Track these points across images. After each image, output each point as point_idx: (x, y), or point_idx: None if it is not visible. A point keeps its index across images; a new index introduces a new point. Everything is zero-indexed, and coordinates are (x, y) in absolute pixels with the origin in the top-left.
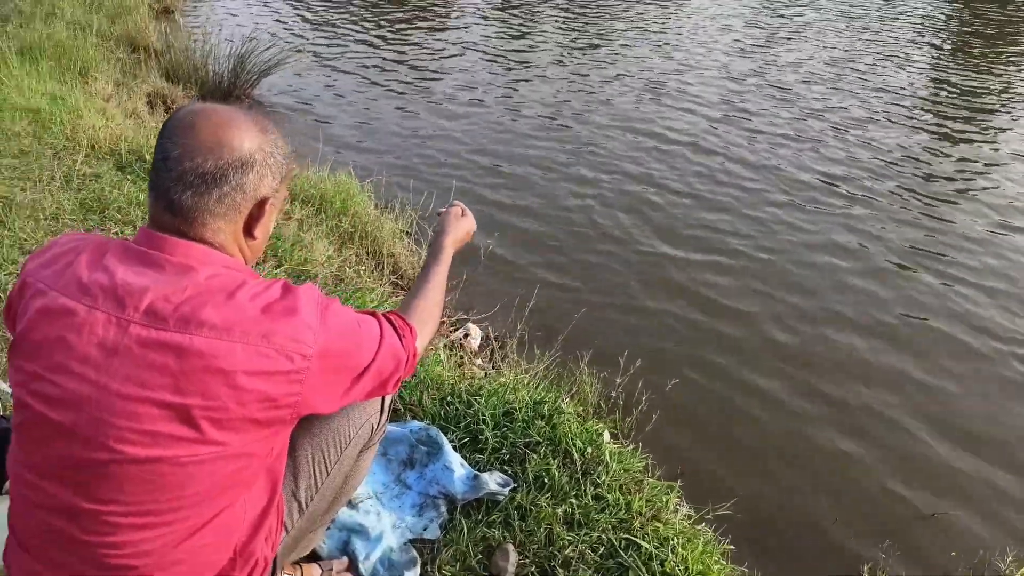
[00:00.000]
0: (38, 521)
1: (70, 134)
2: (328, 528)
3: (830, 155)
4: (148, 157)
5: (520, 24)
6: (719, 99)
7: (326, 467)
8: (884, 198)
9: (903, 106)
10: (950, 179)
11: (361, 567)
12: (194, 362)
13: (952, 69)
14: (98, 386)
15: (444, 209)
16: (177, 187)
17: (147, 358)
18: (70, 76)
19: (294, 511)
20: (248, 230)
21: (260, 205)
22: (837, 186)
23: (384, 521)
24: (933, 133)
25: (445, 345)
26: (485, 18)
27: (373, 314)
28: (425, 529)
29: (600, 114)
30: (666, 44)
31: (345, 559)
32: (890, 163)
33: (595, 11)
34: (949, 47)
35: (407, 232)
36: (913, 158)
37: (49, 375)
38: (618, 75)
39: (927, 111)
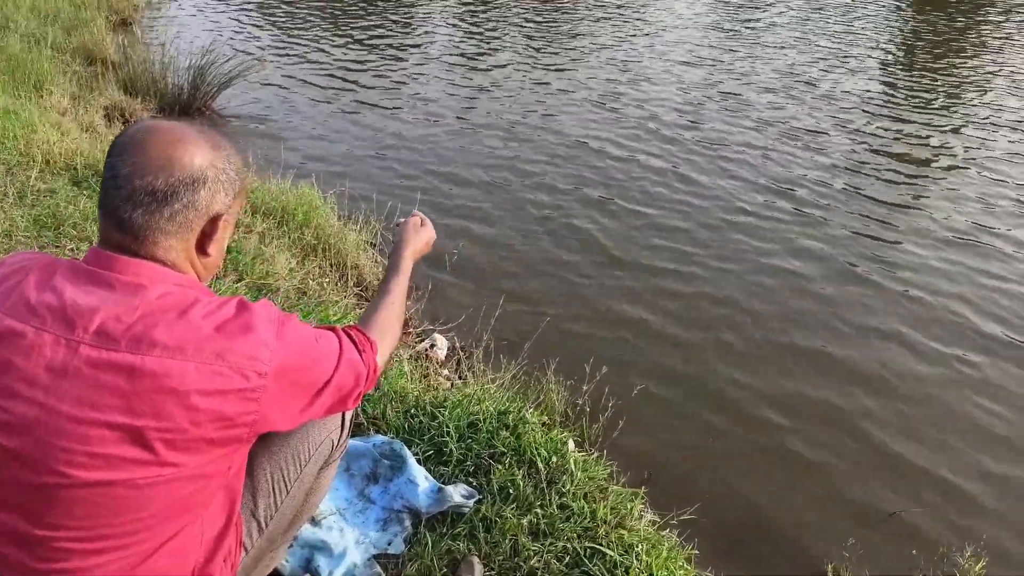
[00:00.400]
0: None
1: (24, 149)
2: (290, 546)
3: (784, 163)
4: None
5: (483, 36)
6: (675, 110)
7: (285, 485)
8: (839, 204)
9: (854, 114)
10: (903, 183)
11: None
12: (146, 382)
13: (901, 76)
14: (47, 409)
15: (403, 220)
16: (127, 206)
17: (98, 379)
18: (24, 90)
19: (253, 530)
20: (201, 247)
21: (213, 222)
22: (793, 191)
23: (347, 537)
24: (883, 139)
25: (411, 356)
26: (448, 30)
27: (332, 329)
28: (389, 544)
29: (561, 125)
30: (626, 54)
31: None
32: (846, 169)
33: (557, 23)
34: (901, 55)
35: (371, 243)
36: (863, 164)
37: None
38: (579, 87)
39: (879, 117)
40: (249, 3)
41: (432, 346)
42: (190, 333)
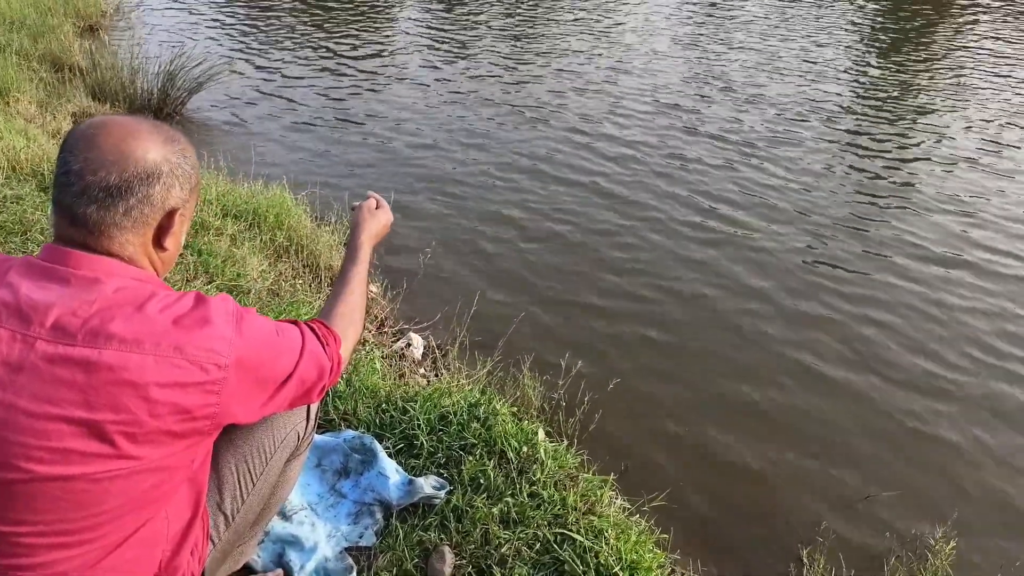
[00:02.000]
0: None
1: None
2: (262, 541)
3: (757, 164)
4: None
5: (459, 31)
6: (652, 107)
7: (251, 478)
8: (806, 201)
9: (823, 117)
10: (877, 182)
11: None
12: (103, 376)
13: (874, 76)
14: (4, 405)
15: (357, 204)
16: (81, 201)
17: (55, 374)
18: None
19: (220, 524)
20: (158, 242)
21: (169, 216)
22: (768, 185)
23: (319, 531)
24: (854, 144)
25: (386, 356)
26: (419, 37)
27: (295, 322)
28: (361, 537)
29: (537, 122)
30: (604, 48)
31: (280, 571)
32: (819, 174)
33: (536, 15)
34: (872, 55)
35: (345, 244)
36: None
37: None
38: (556, 82)
39: (849, 118)
40: (218, 8)
41: (408, 345)
42: (147, 326)
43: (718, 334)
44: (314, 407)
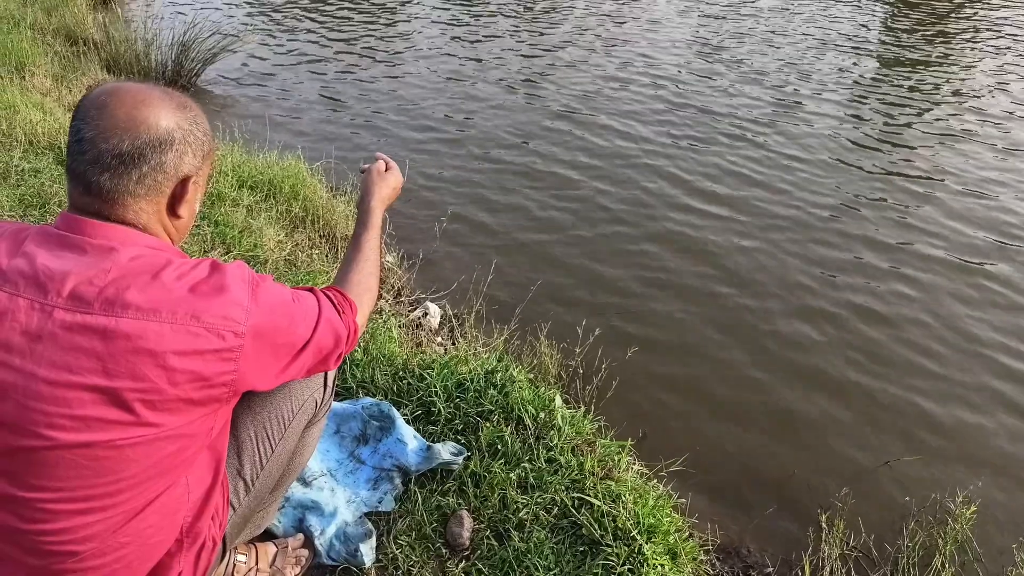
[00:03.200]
0: None
1: (6, 130)
2: (282, 507)
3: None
4: None
5: (474, 6)
6: (675, 81)
7: (270, 444)
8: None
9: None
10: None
11: (317, 542)
12: (121, 344)
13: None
14: (24, 373)
15: (366, 166)
16: (94, 169)
17: (73, 342)
18: (5, 71)
19: (240, 489)
20: (172, 210)
21: (183, 184)
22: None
23: (338, 496)
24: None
25: (403, 325)
26: (438, 8)
27: (311, 290)
28: (380, 502)
29: (554, 91)
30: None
31: (300, 536)
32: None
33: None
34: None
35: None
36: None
37: None
38: (572, 50)
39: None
40: None
41: (425, 314)
42: (164, 294)
43: (737, 304)
44: (331, 374)
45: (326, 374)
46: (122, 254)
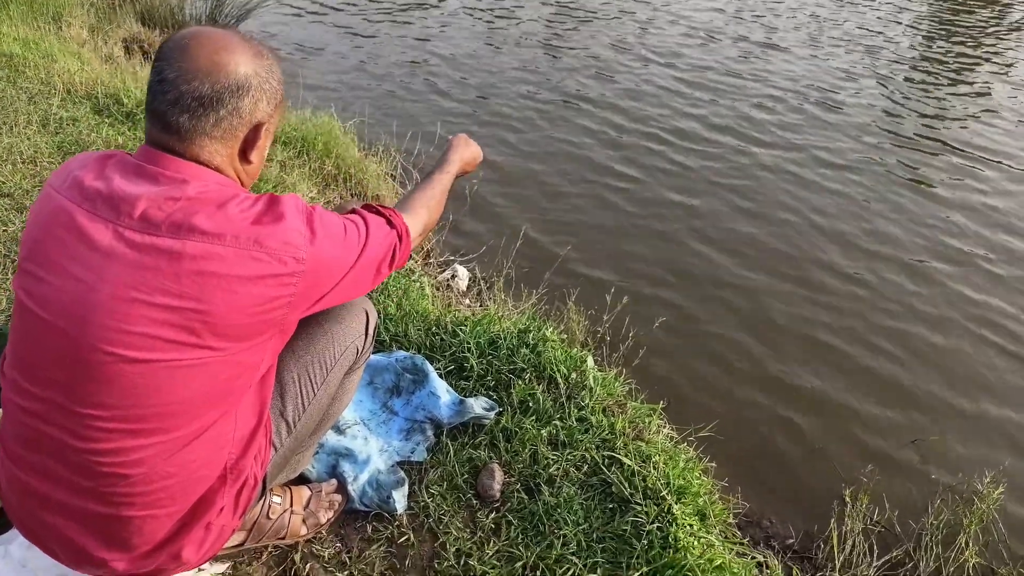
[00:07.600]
0: (28, 429)
1: (45, 78)
2: (316, 453)
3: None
4: (126, 101)
5: None
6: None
7: (312, 388)
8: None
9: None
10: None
11: (350, 488)
12: (187, 265)
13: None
14: (92, 288)
15: (452, 136)
16: (174, 110)
17: (142, 262)
18: (42, 21)
19: (282, 430)
20: (244, 154)
21: (256, 130)
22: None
23: (371, 445)
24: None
25: (433, 285)
26: None
27: (355, 210)
28: (412, 452)
29: (587, 60)
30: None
31: (334, 481)
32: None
33: None
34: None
35: (391, 175)
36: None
37: (45, 274)
38: (611, 25)
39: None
40: None
41: (453, 276)
42: (228, 222)
43: (766, 284)
44: (372, 323)
45: (367, 324)
46: (191, 186)
